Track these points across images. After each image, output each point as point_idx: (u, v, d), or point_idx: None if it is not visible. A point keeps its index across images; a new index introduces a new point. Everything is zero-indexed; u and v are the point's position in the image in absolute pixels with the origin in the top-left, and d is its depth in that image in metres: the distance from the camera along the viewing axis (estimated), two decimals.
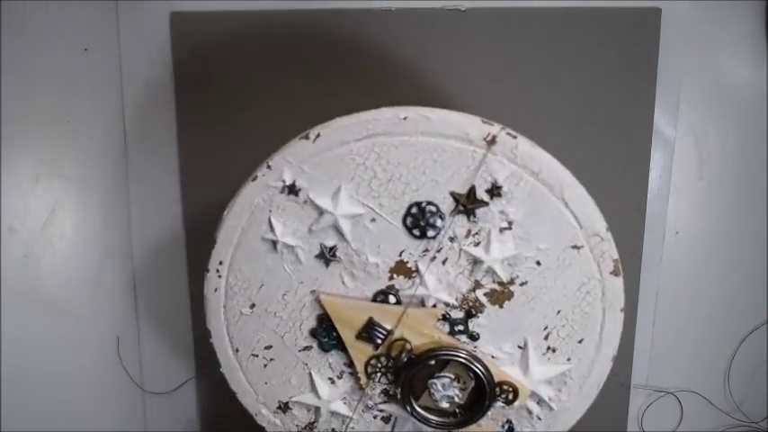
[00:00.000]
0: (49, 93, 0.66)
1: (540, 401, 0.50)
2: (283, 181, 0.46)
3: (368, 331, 0.48)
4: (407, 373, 0.48)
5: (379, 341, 0.48)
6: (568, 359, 0.49)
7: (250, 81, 0.64)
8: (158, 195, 0.67)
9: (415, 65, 0.64)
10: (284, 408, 0.52)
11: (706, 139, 0.67)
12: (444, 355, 0.48)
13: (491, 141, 0.44)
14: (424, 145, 0.44)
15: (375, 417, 0.52)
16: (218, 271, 0.49)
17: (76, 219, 0.68)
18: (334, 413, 0.52)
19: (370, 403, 0.51)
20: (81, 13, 0.65)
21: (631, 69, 0.64)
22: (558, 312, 0.48)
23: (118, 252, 0.69)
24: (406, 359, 0.48)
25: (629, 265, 0.67)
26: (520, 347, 0.49)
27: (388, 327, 0.48)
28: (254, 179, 0.46)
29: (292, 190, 0.46)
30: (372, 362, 0.49)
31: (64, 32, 0.65)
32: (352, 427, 0.52)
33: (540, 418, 0.51)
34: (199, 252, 0.62)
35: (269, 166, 0.46)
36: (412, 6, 0.63)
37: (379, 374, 0.49)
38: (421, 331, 0.48)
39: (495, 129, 0.44)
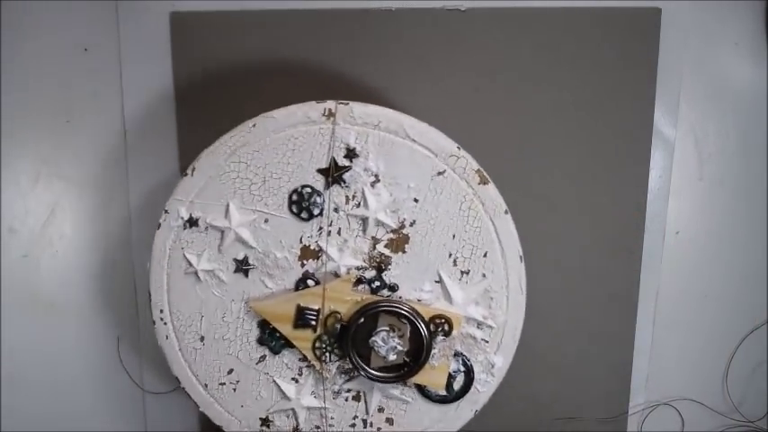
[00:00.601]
0: (48, 92, 0.67)
1: (479, 324, 0.54)
2: (182, 218, 0.53)
3: (301, 318, 0.53)
4: (346, 339, 0.52)
5: (314, 322, 0.53)
6: (483, 276, 0.53)
7: (250, 81, 0.66)
8: (158, 195, 0.68)
9: (415, 65, 0.66)
10: (266, 422, 0.56)
11: (706, 139, 0.67)
12: (368, 310, 0.52)
13: (329, 114, 0.51)
14: (279, 140, 0.51)
15: (347, 399, 0.56)
16: (162, 320, 0.55)
17: (76, 219, 0.69)
18: (310, 409, 0.55)
19: (336, 387, 0.55)
20: (81, 13, 0.66)
21: (631, 69, 0.65)
22: (454, 236, 0.53)
23: (118, 252, 0.70)
24: (338, 327, 0.52)
25: (629, 265, 0.68)
26: (437, 282, 0.53)
27: (316, 307, 0.53)
28: (159, 226, 0.53)
29: (192, 222, 0.53)
30: (317, 344, 0.54)
31: (64, 32, 0.66)
32: (332, 417, 0.56)
33: (486, 341, 0.54)
34: None
35: (166, 211, 0.53)
36: (412, 6, 0.64)
37: (327, 353, 0.54)
38: (344, 299, 0.53)
39: (329, 103, 0.51)
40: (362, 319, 0.52)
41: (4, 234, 0.69)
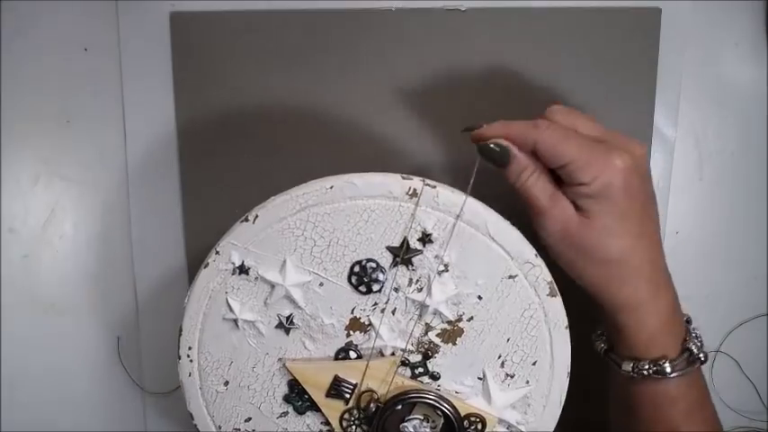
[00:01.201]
0: (49, 93, 0.66)
1: (509, 427, 0.53)
2: (233, 263, 0.50)
3: (336, 388, 0.51)
4: (378, 421, 0.51)
5: (348, 395, 0.51)
6: (527, 382, 0.52)
7: (250, 81, 0.65)
8: (158, 194, 0.67)
9: (415, 65, 0.64)
10: None
11: (706, 139, 0.67)
12: (409, 398, 0.50)
13: (413, 194, 0.48)
14: (354, 208, 0.48)
15: None
16: (188, 356, 0.52)
17: (76, 219, 0.68)
18: None
19: None
20: (81, 13, 0.65)
21: (631, 69, 0.64)
22: (508, 340, 0.51)
23: (118, 252, 0.69)
24: (374, 408, 0.51)
25: None
26: (480, 379, 0.52)
27: (354, 381, 0.51)
28: (206, 266, 0.50)
29: (242, 270, 0.50)
30: (345, 416, 0.52)
31: (64, 32, 0.65)
32: None
33: None
34: (200, 251, 0.63)
35: (217, 252, 0.50)
36: (412, 6, 0.63)
37: (353, 427, 0.52)
38: (384, 379, 0.51)
39: (415, 182, 0.48)
40: (400, 406, 0.51)
41: (4, 234, 0.68)
